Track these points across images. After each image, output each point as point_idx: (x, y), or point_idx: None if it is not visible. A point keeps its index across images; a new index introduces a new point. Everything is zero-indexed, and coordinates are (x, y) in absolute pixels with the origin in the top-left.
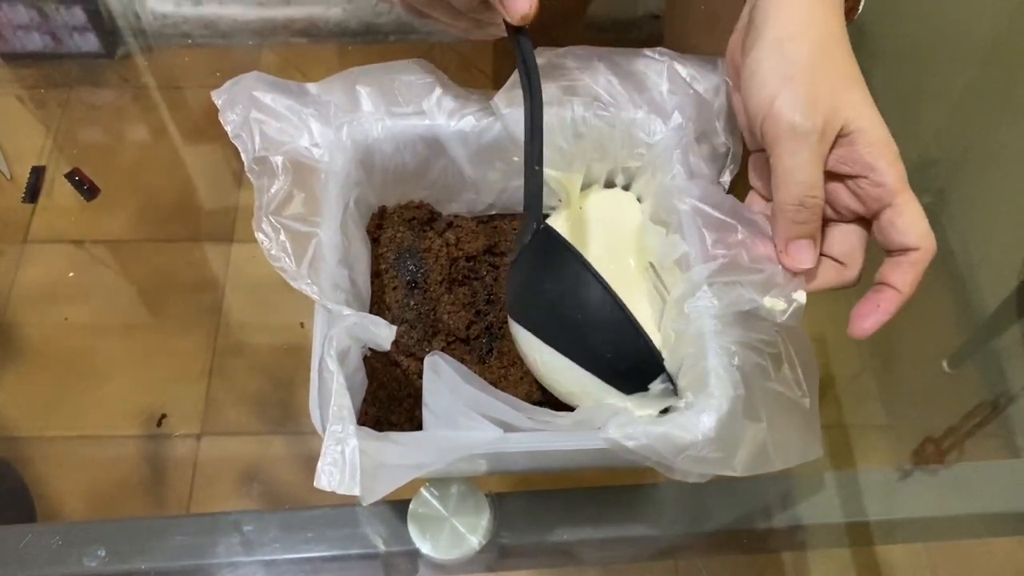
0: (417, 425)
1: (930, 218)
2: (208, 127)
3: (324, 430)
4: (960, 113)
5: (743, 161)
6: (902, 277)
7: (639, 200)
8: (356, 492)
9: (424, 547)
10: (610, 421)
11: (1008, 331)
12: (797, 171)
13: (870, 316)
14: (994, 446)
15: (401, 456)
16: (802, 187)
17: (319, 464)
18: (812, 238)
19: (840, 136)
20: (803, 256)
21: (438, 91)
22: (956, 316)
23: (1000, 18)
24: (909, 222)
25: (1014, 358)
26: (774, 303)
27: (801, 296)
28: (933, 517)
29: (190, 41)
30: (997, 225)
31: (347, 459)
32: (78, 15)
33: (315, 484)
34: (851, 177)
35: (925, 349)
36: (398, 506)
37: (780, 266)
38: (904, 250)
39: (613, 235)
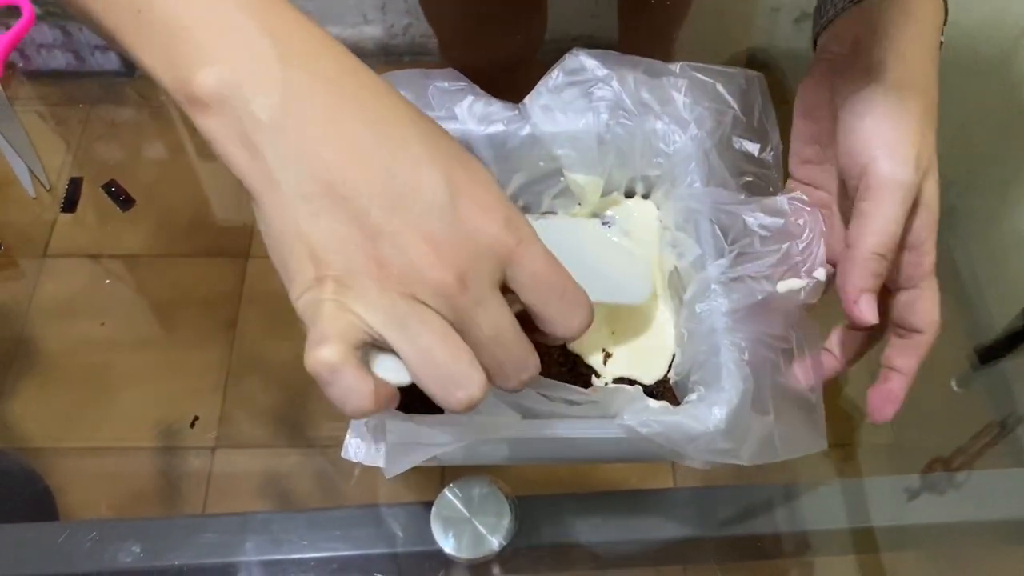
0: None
1: (938, 239)
2: None
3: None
4: (967, 136)
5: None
6: (907, 361)
7: (658, 208)
8: (380, 464)
9: (446, 546)
10: (626, 409)
11: (1016, 351)
12: (891, 221)
13: (886, 405)
14: (1003, 466)
15: (423, 435)
16: (888, 238)
17: (346, 437)
18: (876, 293)
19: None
20: (871, 310)
21: (470, 98)
22: (964, 336)
23: (1008, 40)
24: (926, 307)
25: (1023, 378)
26: (790, 284)
27: (820, 273)
28: (943, 524)
29: None
30: (1005, 246)
31: (372, 434)
32: None
33: (342, 455)
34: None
35: (933, 369)
36: (422, 506)
37: (795, 242)
38: (912, 331)
39: (635, 243)
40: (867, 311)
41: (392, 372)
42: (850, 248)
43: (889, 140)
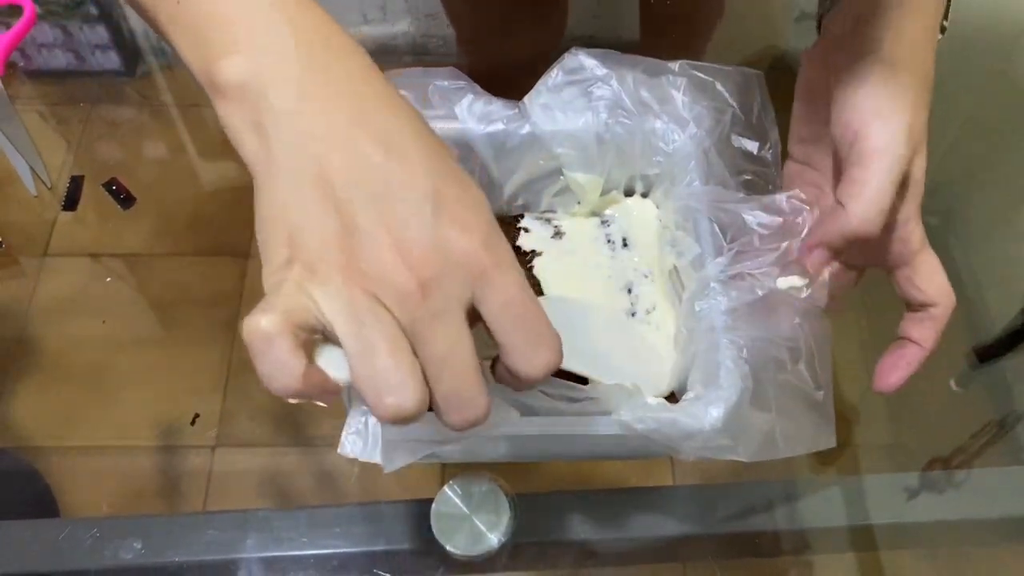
0: None
1: (937, 238)
2: (225, 144)
3: (350, 404)
4: (967, 137)
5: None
6: (923, 333)
7: (657, 207)
8: (377, 460)
9: (446, 543)
10: (624, 406)
11: (1016, 350)
12: (882, 192)
13: (894, 371)
14: (1002, 464)
15: (421, 431)
16: (876, 208)
17: (343, 434)
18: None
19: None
20: (817, 264)
21: (470, 97)
22: (964, 336)
23: (1008, 41)
24: (927, 280)
25: (1022, 378)
26: (790, 282)
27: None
28: (942, 522)
29: None
30: (1003, 246)
31: (370, 429)
32: (101, 34)
33: (338, 451)
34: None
35: (933, 369)
36: (422, 504)
37: (794, 240)
38: (924, 305)
39: (634, 243)
40: (814, 263)
41: (334, 367)
42: (838, 207)
43: (883, 110)
